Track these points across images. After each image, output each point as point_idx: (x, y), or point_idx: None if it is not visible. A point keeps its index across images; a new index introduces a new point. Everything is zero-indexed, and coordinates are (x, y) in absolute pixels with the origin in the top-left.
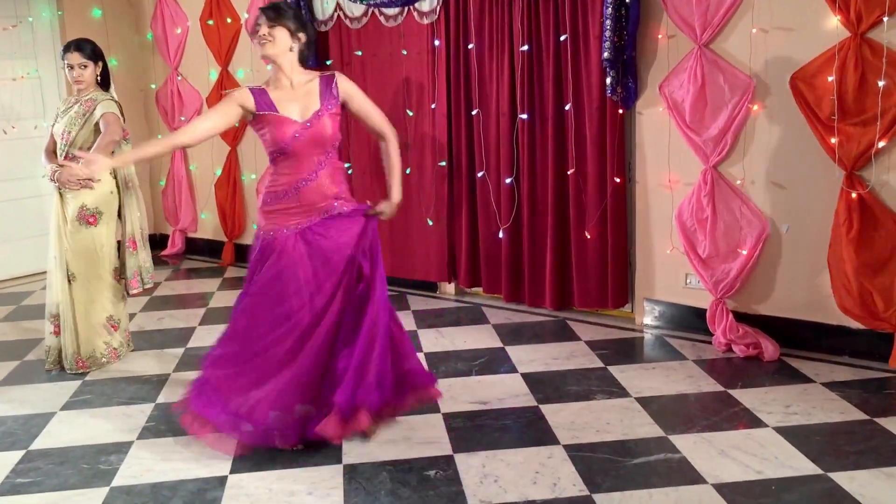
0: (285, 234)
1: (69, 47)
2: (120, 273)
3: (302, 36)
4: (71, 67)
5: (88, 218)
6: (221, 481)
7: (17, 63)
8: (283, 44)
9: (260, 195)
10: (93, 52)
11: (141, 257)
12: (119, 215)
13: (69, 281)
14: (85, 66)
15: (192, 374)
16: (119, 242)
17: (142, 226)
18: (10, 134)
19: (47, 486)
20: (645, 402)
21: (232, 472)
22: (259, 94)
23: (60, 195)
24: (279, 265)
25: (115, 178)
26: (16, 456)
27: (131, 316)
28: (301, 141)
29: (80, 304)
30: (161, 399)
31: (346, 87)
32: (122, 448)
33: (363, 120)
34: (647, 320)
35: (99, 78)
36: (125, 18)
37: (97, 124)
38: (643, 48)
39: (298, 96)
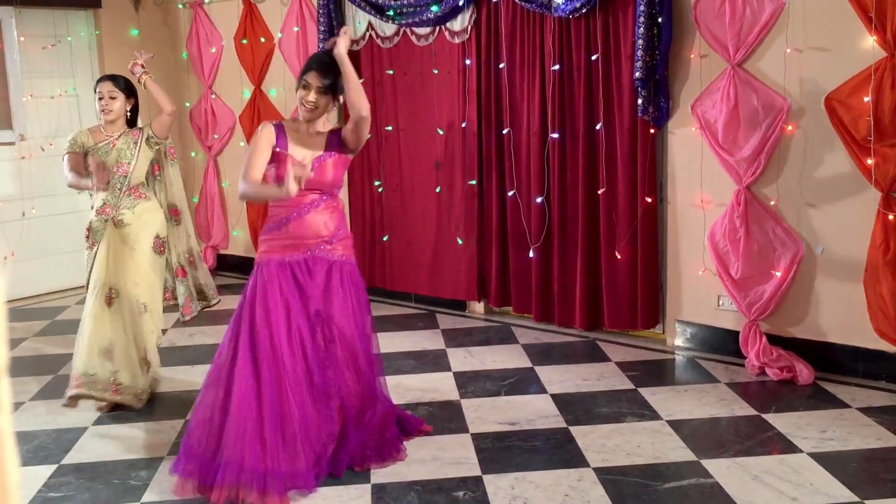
0: (275, 264)
1: (103, 78)
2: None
3: (340, 100)
4: (101, 97)
5: (161, 247)
6: None
7: (55, 81)
8: (325, 108)
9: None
10: (126, 87)
11: (194, 278)
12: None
13: (140, 312)
14: (114, 98)
15: None
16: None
17: (190, 249)
18: (47, 150)
19: (79, 500)
20: (676, 425)
21: None
22: (279, 130)
23: (116, 227)
24: (260, 293)
25: (161, 204)
26: (48, 470)
27: (164, 331)
28: (307, 180)
29: (150, 335)
30: (191, 416)
31: (344, 131)
32: (152, 464)
33: (352, 119)
34: (679, 342)
35: (129, 115)
36: (161, 38)
37: (149, 154)
38: (675, 67)
39: (310, 141)
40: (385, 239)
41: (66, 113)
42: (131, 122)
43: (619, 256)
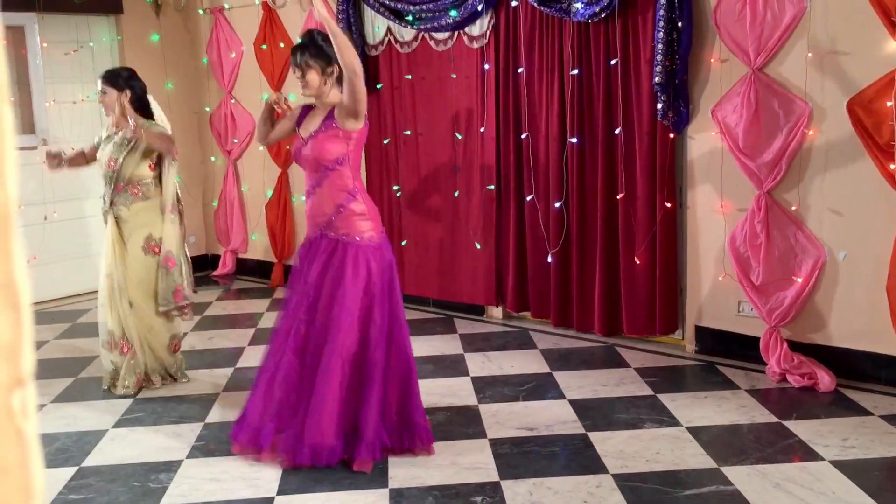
0: (307, 239)
1: (101, 76)
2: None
3: (335, 70)
4: (98, 94)
5: (154, 248)
6: (268, 502)
7: (77, 87)
8: (315, 83)
9: None
10: (114, 79)
11: (175, 275)
12: None
13: (127, 307)
14: (105, 93)
15: (242, 394)
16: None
17: (179, 243)
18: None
19: (99, 503)
20: (696, 431)
21: (279, 493)
22: (304, 111)
23: (117, 222)
24: (296, 268)
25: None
26: (69, 472)
27: (183, 335)
28: (302, 157)
29: (143, 330)
30: (210, 418)
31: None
32: (171, 467)
33: (344, 77)
34: (698, 348)
35: (131, 106)
36: (182, 43)
37: (144, 150)
38: (695, 72)
39: (317, 115)
40: (403, 243)
41: (87, 118)
42: (143, 112)
43: (638, 261)
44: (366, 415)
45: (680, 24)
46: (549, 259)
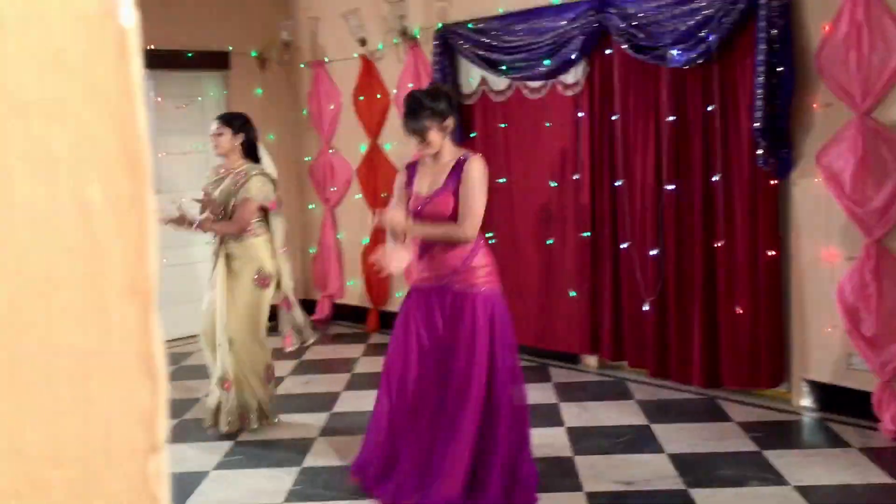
0: (414, 292)
1: (217, 117)
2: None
3: (450, 122)
4: (211, 133)
5: (264, 280)
6: None
7: (186, 138)
8: (438, 140)
9: None
10: (229, 121)
11: (296, 314)
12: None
13: (229, 344)
14: (221, 134)
15: (338, 439)
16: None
17: (293, 286)
18: (176, 204)
19: None
20: (805, 491)
21: None
22: (411, 169)
23: (227, 259)
24: (401, 318)
25: (271, 245)
26: None
27: (279, 381)
28: (423, 213)
29: (244, 365)
30: (307, 463)
31: (468, 170)
32: None
33: (460, 204)
34: (806, 402)
35: (242, 149)
36: (284, 96)
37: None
38: (798, 117)
39: (435, 171)
40: None
41: (195, 168)
42: (251, 156)
43: (740, 311)
44: (489, 469)
45: (780, 69)
46: (646, 307)
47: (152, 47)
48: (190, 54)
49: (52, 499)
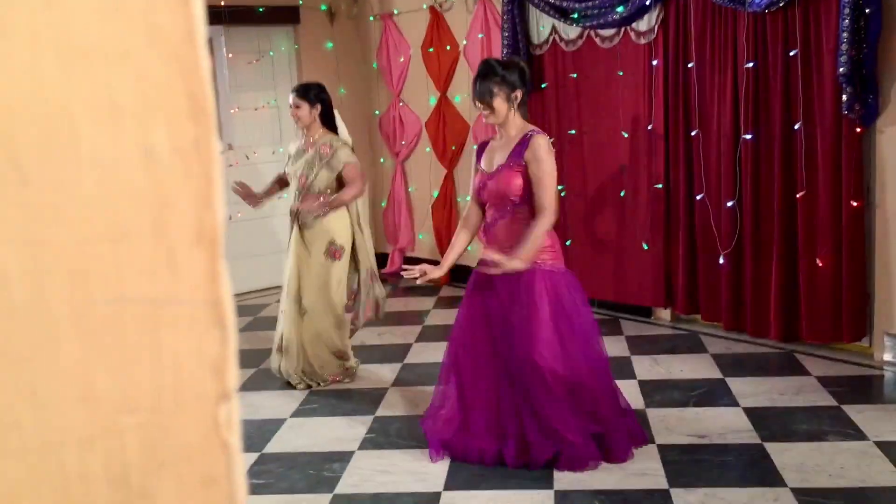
0: (475, 272)
1: (293, 89)
2: (353, 304)
3: (518, 94)
4: (290, 107)
5: (336, 253)
6: (435, 497)
7: (258, 94)
8: (503, 110)
9: None
10: (305, 93)
11: (377, 289)
12: (353, 250)
13: (300, 315)
14: (298, 107)
15: (410, 389)
16: (357, 276)
17: (372, 259)
18: (251, 158)
19: (278, 488)
20: (886, 447)
21: (445, 489)
22: (480, 148)
23: (301, 228)
24: (466, 292)
25: (349, 215)
26: (251, 458)
27: (352, 331)
28: (486, 191)
29: (308, 336)
30: (380, 412)
31: (535, 150)
32: (344, 457)
33: (533, 186)
34: (889, 357)
35: (319, 119)
36: (354, 50)
37: (335, 168)
38: (885, 61)
39: (501, 146)
40: (568, 243)
41: (267, 124)
42: (329, 125)
43: (820, 264)
44: (566, 420)
45: (868, 10)
46: (721, 260)
47: (223, 3)
48: (260, 9)
49: (125, 443)
